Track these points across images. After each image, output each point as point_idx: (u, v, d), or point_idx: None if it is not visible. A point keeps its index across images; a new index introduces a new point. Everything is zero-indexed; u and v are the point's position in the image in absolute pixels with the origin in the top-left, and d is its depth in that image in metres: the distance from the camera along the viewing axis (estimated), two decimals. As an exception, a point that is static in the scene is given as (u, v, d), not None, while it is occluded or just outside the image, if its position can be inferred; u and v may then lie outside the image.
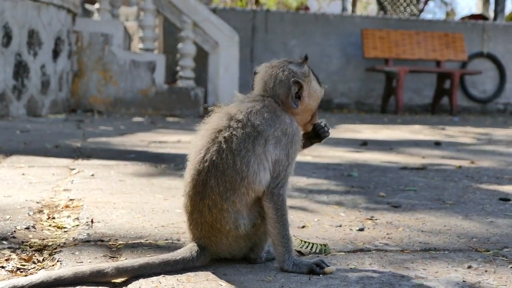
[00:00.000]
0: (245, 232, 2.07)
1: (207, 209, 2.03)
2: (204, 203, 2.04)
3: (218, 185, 2.01)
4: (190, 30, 11.04)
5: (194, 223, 2.09)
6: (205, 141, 2.08)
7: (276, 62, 2.19)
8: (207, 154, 2.04)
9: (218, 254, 2.12)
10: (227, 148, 2.01)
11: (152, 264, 1.99)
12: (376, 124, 10.23)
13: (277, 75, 2.14)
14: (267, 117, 2.06)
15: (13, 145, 5.54)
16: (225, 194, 2.01)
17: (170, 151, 5.57)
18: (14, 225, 2.62)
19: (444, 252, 2.38)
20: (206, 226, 2.06)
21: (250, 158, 2.00)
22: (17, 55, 8.80)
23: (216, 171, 2.01)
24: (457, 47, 14.22)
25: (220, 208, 2.02)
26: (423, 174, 4.49)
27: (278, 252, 2.08)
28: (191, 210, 2.08)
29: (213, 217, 2.03)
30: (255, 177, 2.01)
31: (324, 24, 14.51)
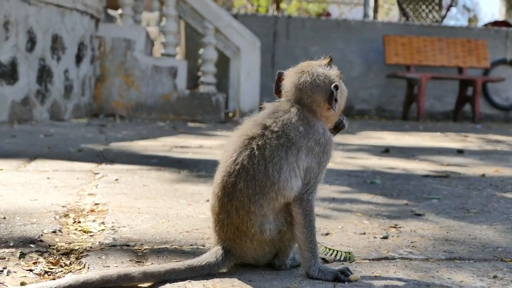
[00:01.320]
0: (270, 237, 2.08)
1: (235, 210, 2.05)
2: (232, 204, 2.06)
3: (247, 188, 2.03)
4: (212, 36, 11.08)
5: (220, 224, 2.11)
6: (237, 146, 2.10)
7: (306, 67, 2.19)
8: (239, 157, 2.07)
9: (242, 258, 2.13)
10: (260, 155, 2.04)
11: (178, 269, 2.01)
12: (397, 131, 10.20)
13: (313, 80, 2.15)
14: (302, 130, 2.08)
15: (37, 149, 5.60)
16: (253, 197, 2.03)
17: (192, 156, 5.60)
18: (41, 228, 2.65)
19: (469, 262, 2.37)
20: (232, 228, 2.07)
21: (283, 165, 2.03)
22: (40, 60, 8.89)
23: (247, 175, 2.04)
24: (479, 54, 14.13)
25: (247, 210, 2.03)
26: (447, 182, 4.47)
27: (304, 258, 2.09)
28: (219, 211, 2.10)
29: (240, 218, 2.05)
30: (286, 184, 2.03)
31: (345, 30, 14.50)
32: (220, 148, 6.37)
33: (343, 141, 7.56)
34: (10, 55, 8.32)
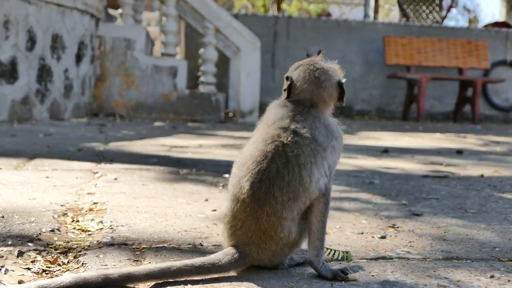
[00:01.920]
0: (293, 240, 2.09)
1: (265, 216, 2.02)
2: (263, 210, 2.01)
3: (282, 195, 2.01)
4: (212, 35, 11.09)
5: (245, 229, 2.06)
6: (267, 152, 2.05)
7: (312, 63, 2.19)
8: (272, 164, 2.02)
9: (259, 261, 2.11)
10: (295, 162, 2.02)
11: (185, 269, 1.99)
12: (397, 131, 10.20)
13: (327, 78, 2.17)
14: (324, 132, 2.10)
15: (36, 148, 5.60)
16: (287, 203, 2.02)
17: (192, 156, 5.60)
18: (39, 227, 2.65)
19: (466, 261, 2.37)
20: (259, 233, 2.04)
21: (314, 171, 2.05)
22: (40, 59, 8.89)
23: (282, 182, 2.01)
24: (480, 55, 14.13)
25: (279, 216, 2.02)
26: (445, 183, 4.48)
27: (314, 247, 2.10)
28: (245, 216, 2.05)
29: (270, 224, 2.02)
30: (315, 187, 2.06)
31: (346, 30, 14.50)
32: (220, 148, 6.38)
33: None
34: (10, 54, 8.32)
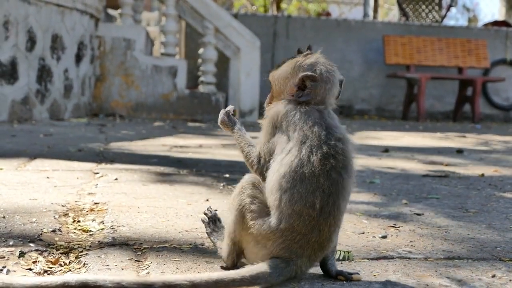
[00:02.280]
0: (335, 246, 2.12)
1: (327, 227, 1.96)
2: (326, 222, 1.95)
3: (344, 206, 2.01)
4: (212, 35, 11.08)
5: (301, 242, 1.96)
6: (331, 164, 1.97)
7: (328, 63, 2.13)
8: (339, 177, 1.97)
9: (305, 272, 2.06)
10: (352, 172, 2.03)
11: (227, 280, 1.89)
12: (397, 131, 10.20)
13: (338, 77, 2.15)
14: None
15: (37, 149, 5.60)
16: (344, 213, 2.04)
17: (192, 156, 5.60)
18: (40, 227, 2.65)
19: (467, 261, 2.38)
20: (315, 245, 1.97)
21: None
22: (40, 59, 8.89)
23: (345, 193, 1.99)
24: (479, 54, 14.14)
25: (338, 225, 2.01)
26: (446, 182, 4.48)
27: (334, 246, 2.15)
28: (307, 230, 1.95)
29: (329, 234, 1.98)
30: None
31: (345, 30, 14.50)
32: (220, 148, 6.38)
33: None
34: (10, 55, 8.32)
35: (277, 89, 2.17)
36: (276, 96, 2.18)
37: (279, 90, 2.16)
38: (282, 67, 2.18)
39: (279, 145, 2.03)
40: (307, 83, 2.07)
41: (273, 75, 2.20)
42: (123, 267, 2.15)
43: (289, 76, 2.13)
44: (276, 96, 2.18)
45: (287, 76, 2.14)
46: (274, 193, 1.97)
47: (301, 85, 2.08)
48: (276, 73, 2.19)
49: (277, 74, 2.18)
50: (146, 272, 2.11)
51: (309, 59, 2.13)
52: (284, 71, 2.15)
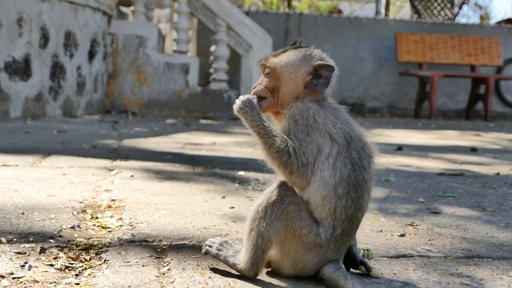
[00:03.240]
0: None
1: (357, 222, 2.03)
2: (357, 217, 2.01)
3: (369, 201, 2.08)
4: (224, 32, 11.09)
5: (346, 244, 2.02)
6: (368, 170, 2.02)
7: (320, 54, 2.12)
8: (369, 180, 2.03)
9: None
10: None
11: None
12: (409, 129, 10.17)
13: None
14: None
15: (51, 145, 5.62)
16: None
17: (206, 153, 5.61)
18: (59, 224, 2.66)
19: (488, 260, 2.37)
20: (349, 239, 2.03)
21: None
22: (53, 56, 8.92)
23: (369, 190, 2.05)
24: (492, 51, 14.07)
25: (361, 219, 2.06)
26: (461, 180, 4.46)
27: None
28: (352, 231, 2.02)
29: (357, 228, 2.06)
30: None
31: (357, 27, 14.47)
32: (234, 145, 6.38)
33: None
34: (23, 52, 8.35)
35: (285, 76, 2.06)
36: (279, 84, 2.07)
37: (287, 78, 2.06)
38: (287, 55, 2.09)
39: (321, 146, 1.97)
40: (322, 72, 2.06)
41: (275, 62, 2.09)
42: (144, 263, 2.16)
43: (300, 64, 2.07)
44: (280, 85, 2.07)
45: (298, 64, 2.07)
46: (330, 201, 1.94)
47: (314, 74, 2.06)
48: (278, 60, 2.09)
49: (282, 61, 2.08)
50: (167, 269, 2.11)
51: (314, 50, 2.11)
52: (292, 59, 2.08)
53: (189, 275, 2.05)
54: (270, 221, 1.95)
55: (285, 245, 1.97)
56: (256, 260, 1.99)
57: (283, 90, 2.07)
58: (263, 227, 1.96)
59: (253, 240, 1.98)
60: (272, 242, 1.97)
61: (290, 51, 2.11)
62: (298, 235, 1.94)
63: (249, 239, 1.99)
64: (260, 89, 2.10)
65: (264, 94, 2.09)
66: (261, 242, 1.97)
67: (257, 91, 2.10)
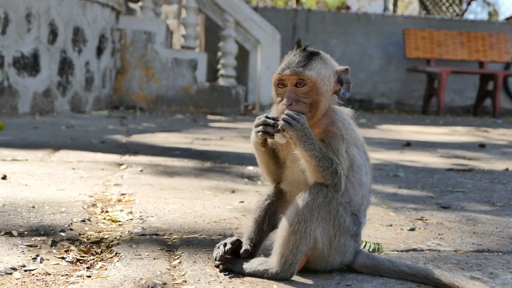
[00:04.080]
0: None
1: None
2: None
3: None
4: (232, 28, 11.09)
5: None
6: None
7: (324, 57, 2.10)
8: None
9: None
10: None
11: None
12: (417, 125, 10.16)
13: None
14: None
15: (60, 140, 5.64)
16: None
17: (214, 148, 5.61)
18: (70, 217, 2.68)
19: (498, 254, 2.37)
20: None
21: None
22: (62, 52, 8.94)
23: None
24: (501, 48, 14.02)
25: None
26: (470, 176, 4.46)
27: None
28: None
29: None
30: None
31: (365, 23, 14.44)
32: (242, 141, 6.38)
33: (363, 134, 7.54)
34: (32, 47, 8.38)
35: (323, 89, 2.01)
36: (318, 99, 2.01)
37: (324, 91, 2.01)
38: (317, 66, 2.01)
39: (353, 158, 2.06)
40: (342, 77, 2.07)
41: (313, 76, 2.00)
42: (155, 257, 2.17)
43: (330, 74, 2.04)
44: (319, 99, 2.01)
45: (329, 75, 2.03)
46: (366, 198, 2.12)
47: (338, 81, 2.07)
48: (316, 73, 2.00)
49: (320, 73, 2.01)
50: (178, 262, 2.12)
51: (324, 54, 2.09)
52: (323, 69, 2.02)
53: (200, 268, 2.06)
54: (318, 222, 1.97)
55: (335, 242, 2.01)
56: (294, 261, 1.98)
57: (321, 105, 2.02)
58: (310, 229, 1.97)
59: (294, 243, 1.97)
60: (317, 242, 1.99)
61: (314, 60, 2.02)
62: (347, 231, 2.03)
63: (289, 242, 1.97)
64: (302, 107, 1.99)
65: (305, 110, 2.00)
66: (304, 243, 1.97)
67: (300, 110, 1.98)
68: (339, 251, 2.03)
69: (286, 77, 2.02)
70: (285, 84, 2.03)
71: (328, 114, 2.05)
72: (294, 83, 2.01)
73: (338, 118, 2.04)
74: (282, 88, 2.05)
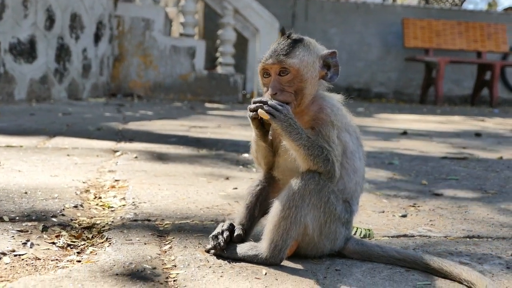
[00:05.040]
0: None
1: None
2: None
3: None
4: (231, 16, 11.07)
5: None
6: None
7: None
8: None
9: None
10: None
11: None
12: (415, 114, 10.16)
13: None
14: None
15: (56, 127, 5.64)
16: None
17: (210, 136, 5.62)
18: (62, 203, 2.68)
19: (487, 240, 2.38)
20: None
21: None
22: (59, 38, 8.92)
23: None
24: (499, 38, 14.02)
25: None
26: (464, 164, 4.47)
27: None
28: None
29: None
30: None
31: (364, 13, 14.42)
32: (239, 128, 6.39)
33: (360, 123, 7.55)
34: (28, 33, 8.35)
35: (308, 76, 2.00)
36: (303, 86, 2.00)
37: (309, 77, 2.00)
38: (300, 53, 2.00)
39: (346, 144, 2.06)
40: (329, 61, 2.06)
41: (296, 63, 1.98)
42: (145, 242, 2.17)
43: (314, 59, 2.03)
44: (305, 86, 2.00)
45: (313, 60, 2.02)
46: (360, 184, 2.13)
47: (324, 66, 2.06)
48: (298, 60, 1.99)
49: (303, 60, 1.99)
50: (168, 247, 2.13)
51: (309, 39, 2.07)
52: (307, 56, 2.01)
53: (191, 252, 2.07)
54: (309, 209, 1.98)
55: (326, 228, 2.02)
56: (284, 246, 2.00)
57: (306, 92, 2.01)
58: (301, 215, 1.97)
59: (284, 228, 1.97)
60: (307, 228, 2.00)
61: (298, 47, 2.01)
62: (338, 218, 2.03)
63: (279, 227, 1.98)
64: (287, 96, 1.99)
65: (290, 99, 1.99)
66: (294, 229, 1.98)
67: (284, 99, 1.97)
68: (330, 238, 2.04)
69: (269, 66, 2.01)
70: (270, 73, 2.03)
71: (316, 101, 2.05)
72: (278, 72, 2.00)
73: (326, 104, 2.03)
74: (267, 78, 2.04)
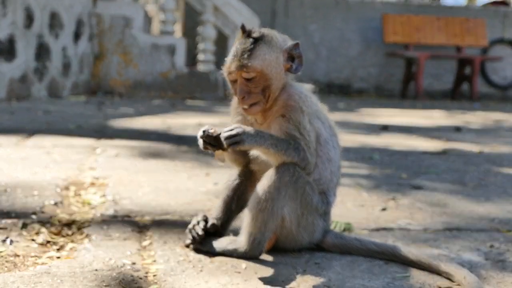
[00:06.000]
0: None
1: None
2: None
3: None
4: (210, 13, 11.04)
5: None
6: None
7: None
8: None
9: None
10: None
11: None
12: (395, 109, 10.21)
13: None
14: None
15: (36, 125, 5.60)
16: None
17: (191, 133, 5.60)
18: (42, 200, 2.67)
19: (466, 232, 2.40)
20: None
21: None
22: (38, 37, 8.86)
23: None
24: (478, 33, 14.11)
25: None
26: (444, 158, 4.50)
27: None
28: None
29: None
30: None
31: (344, 9, 14.44)
32: (220, 125, 6.38)
33: (341, 119, 7.57)
34: (7, 32, 8.28)
35: (272, 74, 2.00)
36: (269, 84, 2.01)
37: (274, 74, 2.01)
38: (261, 52, 1.99)
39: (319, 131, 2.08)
40: (293, 53, 2.06)
41: (259, 65, 1.98)
42: (125, 237, 2.18)
43: (278, 55, 2.02)
44: (270, 84, 2.01)
45: (276, 56, 2.02)
46: (336, 174, 2.14)
47: (289, 58, 2.06)
48: (260, 61, 1.98)
49: (265, 60, 1.99)
50: (148, 243, 2.13)
51: (269, 32, 2.06)
52: (270, 53, 2.01)
53: (170, 248, 2.07)
54: (285, 201, 1.99)
55: (303, 220, 2.04)
56: (263, 239, 2.01)
57: (273, 88, 2.02)
58: (277, 207, 1.99)
59: (262, 221, 1.98)
60: (284, 220, 2.01)
61: (259, 47, 1.99)
62: (315, 209, 2.05)
63: (257, 220, 1.98)
64: (255, 98, 2.01)
65: (258, 99, 2.02)
66: (272, 222, 1.99)
67: (253, 101, 2.01)
68: (308, 230, 2.05)
69: (233, 71, 2.01)
70: (235, 78, 2.03)
71: (285, 90, 2.06)
72: (242, 76, 2.00)
73: (294, 91, 2.05)
74: (233, 82, 2.04)
